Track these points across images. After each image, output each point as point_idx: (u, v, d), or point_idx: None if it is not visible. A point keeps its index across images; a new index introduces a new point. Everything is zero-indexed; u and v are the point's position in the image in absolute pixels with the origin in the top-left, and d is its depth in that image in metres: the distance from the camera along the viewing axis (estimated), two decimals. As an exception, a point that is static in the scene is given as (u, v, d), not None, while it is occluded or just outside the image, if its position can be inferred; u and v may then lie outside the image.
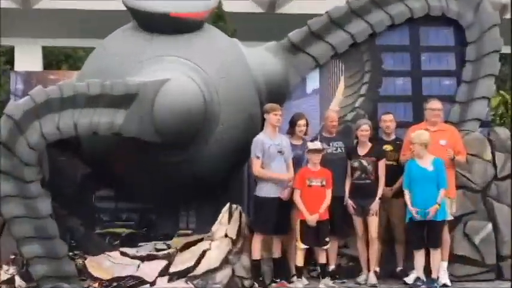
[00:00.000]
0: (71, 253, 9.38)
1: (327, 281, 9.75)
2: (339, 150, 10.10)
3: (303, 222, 9.65)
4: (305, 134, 10.06)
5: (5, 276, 9.13)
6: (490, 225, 10.32)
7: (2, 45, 18.99)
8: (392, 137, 10.26)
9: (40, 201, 8.99)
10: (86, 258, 9.47)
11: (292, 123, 10.04)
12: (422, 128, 9.97)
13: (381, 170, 9.88)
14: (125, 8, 9.91)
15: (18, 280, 9.13)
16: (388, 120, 10.26)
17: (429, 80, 10.96)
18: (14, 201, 8.92)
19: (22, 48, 17.81)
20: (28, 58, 17.58)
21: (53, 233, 9.02)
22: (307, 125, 10.07)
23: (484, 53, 10.81)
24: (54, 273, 9.04)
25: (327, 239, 9.76)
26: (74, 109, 9.01)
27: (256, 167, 9.61)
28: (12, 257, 9.24)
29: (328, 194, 9.70)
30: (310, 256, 9.93)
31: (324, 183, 9.67)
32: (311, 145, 9.79)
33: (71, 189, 10.11)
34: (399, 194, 9.85)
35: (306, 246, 9.69)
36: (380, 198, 9.87)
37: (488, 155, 10.51)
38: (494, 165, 10.51)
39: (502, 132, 10.96)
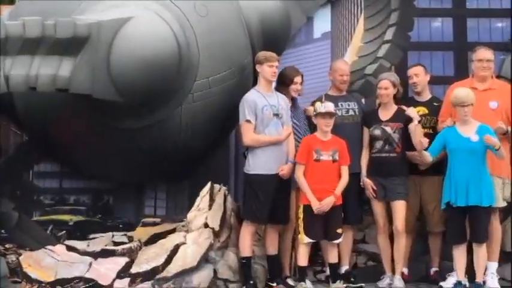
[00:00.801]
0: (1, 247, 9.40)
1: (339, 285, 9.75)
2: (350, 112, 10.21)
3: (308, 209, 9.66)
4: (299, 94, 10.16)
5: None
6: (552, 217, 10.38)
7: None
8: (427, 97, 10.32)
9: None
10: (20, 254, 9.46)
11: (284, 80, 10.09)
12: (467, 85, 9.97)
13: (417, 134, 9.78)
14: None
15: None
16: (416, 74, 10.30)
17: (476, 21, 10.95)
18: None
19: None
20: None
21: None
22: (302, 80, 10.16)
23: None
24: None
25: (339, 231, 9.76)
26: (5, 56, 9.00)
27: (247, 134, 9.62)
28: None
29: (345, 171, 9.72)
30: (316, 253, 9.99)
31: (337, 157, 9.66)
32: (319, 106, 9.78)
33: (1, 162, 10.10)
34: (435, 169, 9.86)
35: (311, 240, 9.71)
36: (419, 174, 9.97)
37: (554, 126, 10.51)
38: (562, 139, 10.51)
39: None
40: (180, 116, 9.62)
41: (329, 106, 9.72)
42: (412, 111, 9.74)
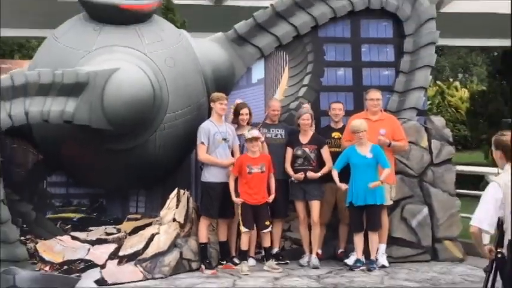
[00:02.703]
0: (22, 237, 9.31)
1: (271, 263, 9.88)
2: (278, 136, 10.24)
3: (244, 205, 9.78)
4: (248, 123, 10.19)
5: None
6: (426, 209, 10.56)
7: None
8: (340, 125, 10.39)
9: (-9, 187, 9.00)
10: (37, 243, 9.42)
11: (236, 113, 10.20)
12: (362, 117, 10.09)
13: (326, 155, 10.05)
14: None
15: (-30, 264, 9.11)
16: (337, 109, 10.39)
17: (369, 70, 11.05)
18: (-36, 188, 8.92)
19: (-27, 37, 17.60)
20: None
21: (4, 218, 9.00)
22: (249, 114, 10.22)
23: (421, 45, 10.96)
24: (6, 257, 8.98)
25: (267, 223, 9.89)
26: (26, 97, 8.98)
27: (202, 153, 9.77)
28: (-36, 241, 9.20)
29: (271, 177, 9.89)
30: (258, 240, 10.08)
31: (264, 169, 9.78)
32: (247, 134, 9.88)
33: (23, 175, 10.06)
34: (346, 181, 9.91)
35: (247, 230, 9.81)
36: (326, 182, 10.06)
37: (424, 142, 10.74)
38: (430, 152, 10.74)
39: (438, 120, 11.22)
40: (155, 140, 9.64)
41: (253, 133, 9.82)
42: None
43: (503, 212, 5.27)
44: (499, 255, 5.30)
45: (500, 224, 5.30)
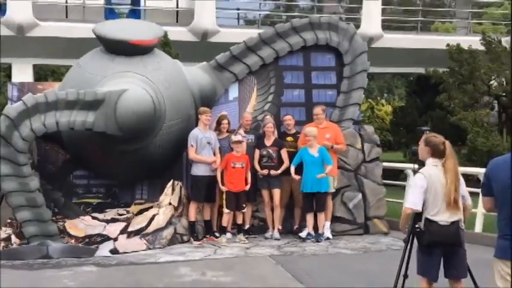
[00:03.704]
0: (54, 218, 9.26)
1: (242, 236, 9.92)
2: (249, 140, 10.20)
3: (228, 193, 9.78)
4: (227, 130, 10.20)
5: (3, 236, 9.01)
6: (360, 195, 10.57)
7: (2, 63, 18.69)
8: (293, 131, 10.39)
9: (30, 179, 8.90)
10: (65, 222, 9.36)
11: (218, 122, 10.21)
12: (313, 125, 10.14)
13: (284, 155, 10.06)
14: (94, 36, 9.87)
15: (14, 238, 8.98)
16: (287, 119, 10.42)
17: (317, 91, 10.99)
18: (10, 180, 8.80)
19: (17, 65, 17.46)
20: (22, 73, 17.27)
21: (40, 203, 8.92)
22: (228, 123, 10.22)
23: (356, 72, 10.92)
24: (41, 232, 8.94)
25: (244, 205, 9.93)
26: (56, 111, 8.93)
27: (191, 153, 9.77)
28: (9, 221, 9.10)
29: (248, 172, 9.89)
30: (234, 219, 10.06)
31: (244, 165, 9.84)
32: (234, 138, 9.93)
33: (54, 170, 10.00)
34: (300, 174, 9.92)
35: (228, 211, 9.82)
36: (284, 175, 10.05)
37: (359, 145, 10.75)
38: (363, 152, 10.76)
39: (369, 128, 11.28)
40: (155, 142, 9.58)
41: (237, 137, 9.90)
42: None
43: (426, 196, 5.35)
44: (417, 229, 5.39)
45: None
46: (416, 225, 5.41)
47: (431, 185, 5.34)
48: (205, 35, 17.21)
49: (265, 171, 9.97)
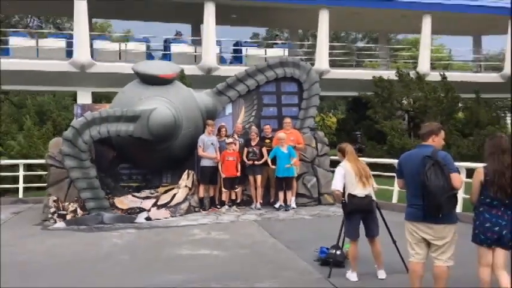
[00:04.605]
0: (106, 196, 9.21)
1: (235, 207, 9.89)
2: (240, 142, 10.14)
3: (225, 178, 9.74)
4: (225, 135, 10.14)
5: (72, 209, 8.95)
6: (315, 179, 10.53)
7: (70, 91, 18.56)
8: (270, 136, 10.28)
9: (90, 169, 8.86)
10: (114, 199, 9.31)
11: (218, 130, 10.16)
12: (283, 131, 10.10)
13: (264, 152, 9.97)
14: (133, 72, 9.84)
15: (79, 210, 8.95)
16: (267, 128, 10.38)
17: (286, 108, 10.93)
18: (76, 170, 8.78)
19: (81, 92, 17.38)
20: (84, 97, 17.19)
21: (97, 186, 8.88)
22: (226, 130, 10.19)
23: (312, 95, 10.88)
24: (98, 206, 8.90)
25: (236, 186, 9.91)
26: (107, 123, 8.88)
27: (199, 151, 9.71)
28: (76, 199, 9.05)
29: (238, 164, 9.80)
30: (229, 196, 10.03)
31: (235, 159, 9.77)
32: (227, 140, 9.89)
33: (106, 163, 9.91)
34: (275, 164, 9.86)
35: (226, 190, 9.79)
36: (264, 165, 9.97)
37: (314, 144, 10.69)
38: (317, 149, 10.71)
39: (321, 133, 11.20)
40: (176, 143, 9.54)
41: (230, 140, 9.89)
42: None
43: (345, 180, 5.37)
44: (343, 201, 5.42)
45: (344, 186, 5.38)
46: (342, 199, 5.42)
47: (346, 172, 5.36)
48: (209, 71, 17.16)
49: (251, 162, 9.93)
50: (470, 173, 4.74)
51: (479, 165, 4.41)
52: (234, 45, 19.08)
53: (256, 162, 9.95)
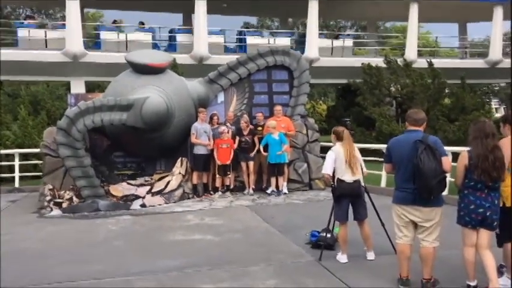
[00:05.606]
0: (101, 184, 9.19)
1: (228, 193, 9.91)
2: (232, 129, 10.10)
3: (219, 166, 9.75)
4: (217, 123, 10.12)
5: (67, 196, 8.92)
6: (305, 164, 10.57)
7: (63, 80, 18.34)
8: (262, 123, 10.26)
9: (85, 158, 8.81)
10: (109, 186, 9.29)
11: (211, 118, 10.13)
12: (274, 119, 10.09)
13: (256, 140, 9.98)
14: (125, 61, 9.75)
15: (74, 198, 8.93)
16: (259, 116, 10.34)
17: (277, 96, 10.94)
18: (71, 159, 8.72)
19: (74, 81, 17.19)
20: (77, 87, 17.02)
21: (92, 174, 8.85)
22: (218, 118, 10.16)
23: (302, 83, 10.88)
24: (93, 194, 8.88)
25: (229, 173, 9.91)
26: (101, 112, 8.82)
27: (193, 138, 9.68)
28: (71, 187, 9.03)
29: (232, 151, 9.78)
30: (223, 182, 10.05)
31: (229, 146, 9.77)
32: (220, 129, 9.86)
33: (101, 151, 9.88)
34: (266, 151, 9.89)
35: (219, 176, 9.81)
36: (258, 153, 9.97)
37: (304, 131, 10.71)
38: (307, 136, 10.72)
39: (311, 120, 11.21)
40: (169, 131, 9.52)
41: (223, 129, 9.83)
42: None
43: (336, 164, 5.37)
44: (332, 186, 5.44)
45: (333, 171, 5.39)
46: (332, 184, 5.44)
47: (337, 156, 5.35)
48: (201, 60, 17.04)
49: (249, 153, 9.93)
50: (455, 156, 4.77)
51: (464, 149, 4.44)
52: (238, 35, 19.01)
53: (251, 154, 9.94)
